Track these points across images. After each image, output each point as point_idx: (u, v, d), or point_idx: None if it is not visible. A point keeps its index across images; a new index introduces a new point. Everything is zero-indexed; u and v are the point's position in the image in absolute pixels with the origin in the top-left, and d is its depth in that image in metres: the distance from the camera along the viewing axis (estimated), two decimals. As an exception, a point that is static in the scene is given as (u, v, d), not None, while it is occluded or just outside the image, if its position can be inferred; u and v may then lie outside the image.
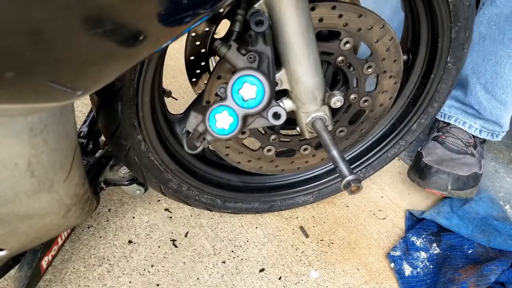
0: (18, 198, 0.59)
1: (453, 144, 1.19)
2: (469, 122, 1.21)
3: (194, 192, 0.99)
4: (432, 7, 0.86)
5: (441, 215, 1.11)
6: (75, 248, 1.02)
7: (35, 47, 0.40)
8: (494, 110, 1.16)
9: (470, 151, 1.19)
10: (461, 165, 1.13)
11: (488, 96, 1.14)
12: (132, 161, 0.87)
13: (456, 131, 1.21)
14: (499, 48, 1.08)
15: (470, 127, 1.21)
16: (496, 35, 1.07)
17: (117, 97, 0.76)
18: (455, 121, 1.22)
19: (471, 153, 1.19)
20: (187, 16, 0.48)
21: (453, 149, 1.18)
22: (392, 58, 0.87)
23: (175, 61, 1.62)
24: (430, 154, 1.16)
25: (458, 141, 1.19)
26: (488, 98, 1.14)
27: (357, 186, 0.72)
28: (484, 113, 1.17)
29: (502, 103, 1.14)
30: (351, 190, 0.73)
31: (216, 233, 1.09)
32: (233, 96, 0.68)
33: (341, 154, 0.76)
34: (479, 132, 1.21)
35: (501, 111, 1.16)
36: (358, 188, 0.72)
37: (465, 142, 1.20)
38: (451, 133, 1.21)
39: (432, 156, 1.15)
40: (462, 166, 1.13)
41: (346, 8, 0.77)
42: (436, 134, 1.23)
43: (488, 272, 0.95)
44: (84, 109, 1.38)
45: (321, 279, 1.01)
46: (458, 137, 1.20)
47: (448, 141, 1.20)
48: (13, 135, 0.53)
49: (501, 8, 1.03)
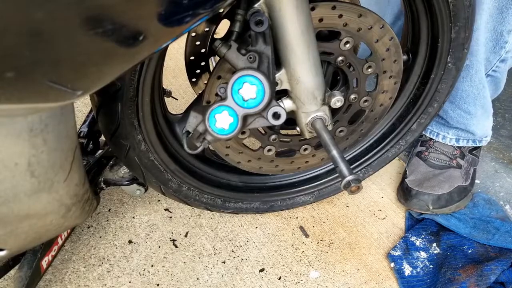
0: (18, 198, 0.59)
1: (435, 160, 1.19)
2: (443, 133, 1.20)
3: (194, 192, 0.99)
4: (432, 7, 0.86)
5: (440, 214, 1.12)
6: (75, 248, 1.02)
7: (35, 47, 0.40)
8: (460, 118, 1.15)
9: (456, 163, 1.18)
10: (441, 182, 1.13)
11: (452, 105, 1.14)
12: (132, 161, 0.87)
13: (438, 146, 1.21)
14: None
15: (444, 138, 1.20)
16: None
17: (117, 97, 0.76)
18: (431, 133, 1.21)
19: (457, 164, 1.18)
20: (187, 16, 0.48)
21: (435, 165, 1.18)
22: (392, 58, 0.87)
23: (175, 61, 1.62)
24: (413, 173, 1.18)
25: (442, 156, 1.19)
26: (452, 108, 1.14)
27: (357, 186, 0.73)
28: (452, 122, 1.16)
29: (467, 112, 1.13)
30: (351, 190, 0.73)
31: (216, 233, 1.09)
32: (233, 96, 0.68)
33: (341, 154, 0.76)
34: (455, 141, 1.19)
35: (467, 119, 1.14)
36: (358, 188, 0.73)
37: (449, 155, 1.19)
38: (434, 148, 1.21)
39: (415, 174, 1.17)
40: (442, 183, 1.13)
41: (346, 8, 0.77)
42: (420, 149, 1.23)
43: (488, 272, 0.95)
44: (84, 109, 1.38)
45: (321, 279, 1.01)
46: (441, 152, 1.20)
47: (431, 157, 1.19)
48: (13, 135, 0.53)
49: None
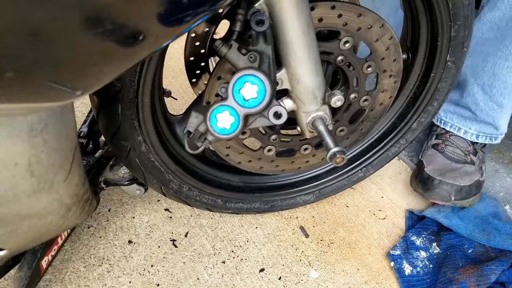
0: (18, 198, 0.59)
1: (452, 153, 1.19)
2: (464, 127, 1.20)
3: (195, 192, 0.99)
4: (431, 5, 0.86)
5: (442, 213, 1.11)
6: (75, 248, 1.02)
7: (35, 47, 0.40)
8: (490, 111, 1.16)
9: (470, 159, 1.19)
10: (462, 175, 1.13)
11: (485, 97, 1.14)
12: (133, 162, 0.86)
13: (455, 140, 1.21)
14: (498, 50, 1.08)
15: (466, 133, 1.21)
16: (496, 38, 1.07)
17: (117, 99, 0.76)
18: (451, 127, 1.22)
19: (471, 161, 1.18)
20: (187, 15, 0.48)
21: (453, 158, 1.18)
22: (391, 57, 0.87)
23: (175, 61, 1.62)
24: (431, 163, 1.17)
25: (458, 150, 1.19)
26: (485, 99, 1.15)
27: (342, 157, 0.76)
28: (481, 114, 1.17)
29: (499, 105, 1.14)
30: (336, 162, 0.77)
31: (216, 233, 1.09)
32: (234, 95, 0.68)
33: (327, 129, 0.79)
34: (475, 137, 1.21)
35: (497, 112, 1.16)
36: (343, 159, 0.77)
37: (464, 151, 1.20)
38: (450, 142, 1.21)
39: (434, 165, 1.16)
40: (463, 176, 1.13)
41: (345, 7, 0.77)
42: (436, 142, 1.23)
43: (488, 272, 0.95)
44: (84, 109, 1.38)
45: (321, 279, 1.01)
46: (457, 146, 1.20)
47: (448, 150, 1.20)
48: (13, 135, 0.53)
49: (503, 11, 1.03)
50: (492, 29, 1.07)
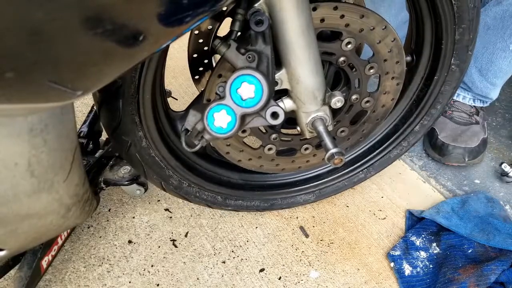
0: (18, 198, 0.59)
1: (459, 118, 1.33)
2: (463, 94, 1.36)
3: (195, 188, 0.99)
4: (436, 8, 0.86)
5: (441, 214, 1.11)
6: (75, 248, 1.02)
7: (35, 47, 0.40)
8: (484, 89, 1.30)
9: (475, 120, 1.33)
10: (471, 136, 1.28)
11: (481, 78, 1.27)
12: (133, 157, 0.87)
13: (458, 105, 1.36)
14: (498, 40, 1.20)
15: (464, 98, 1.36)
16: (498, 28, 1.18)
17: (119, 94, 0.76)
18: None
19: (476, 121, 1.33)
20: (187, 16, 0.48)
21: (460, 122, 1.32)
22: (394, 59, 0.87)
23: (175, 61, 1.62)
24: (443, 130, 1.30)
25: (463, 114, 1.34)
26: (480, 79, 1.28)
27: (340, 158, 0.77)
28: (476, 90, 1.31)
29: (492, 84, 1.28)
30: (334, 162, 0.77)
31: (216, 233, 1.09)
32: (232, 95, 0.68)
33: (327, 130, 0.79)
34: (472, 101, 1.36)
35: (490, 90, 1.30)
36: (341, 160, 0.77)
37: (468, 113, 1.34)
38: (455, 107, 1.36)
39: (446, 131, 1.30)
40: (472, 137, 1.28)
41: (348, 8, 0.77)
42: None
43: (488, 272, 0.95)
44: (84, 109, 1.38)
45: (321, 279, 1.01)
46: (462, 110, 1.35)
47: (455, 115, 1.34)
48: (13, 135, 0.53)
49: (508, 6, 1.15)
50: (495, 19, 1.18)
